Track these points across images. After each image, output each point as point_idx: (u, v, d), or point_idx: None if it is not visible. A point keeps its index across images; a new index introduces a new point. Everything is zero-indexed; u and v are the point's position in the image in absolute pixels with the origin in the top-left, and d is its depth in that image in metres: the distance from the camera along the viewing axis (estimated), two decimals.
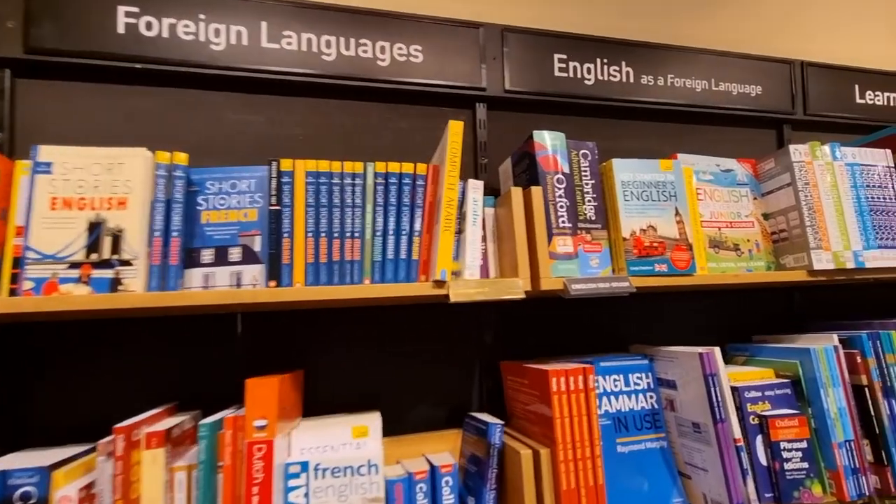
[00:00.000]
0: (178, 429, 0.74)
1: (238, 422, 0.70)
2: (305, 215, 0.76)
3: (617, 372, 0.97)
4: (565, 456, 0.78)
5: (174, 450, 0.72)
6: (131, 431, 0.65)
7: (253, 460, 0.67)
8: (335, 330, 0.96)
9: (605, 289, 0.79)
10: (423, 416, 1.00)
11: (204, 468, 0.69)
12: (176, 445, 0.73)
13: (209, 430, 0.69)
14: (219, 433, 0.70)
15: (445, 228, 0.75)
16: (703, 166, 1.02)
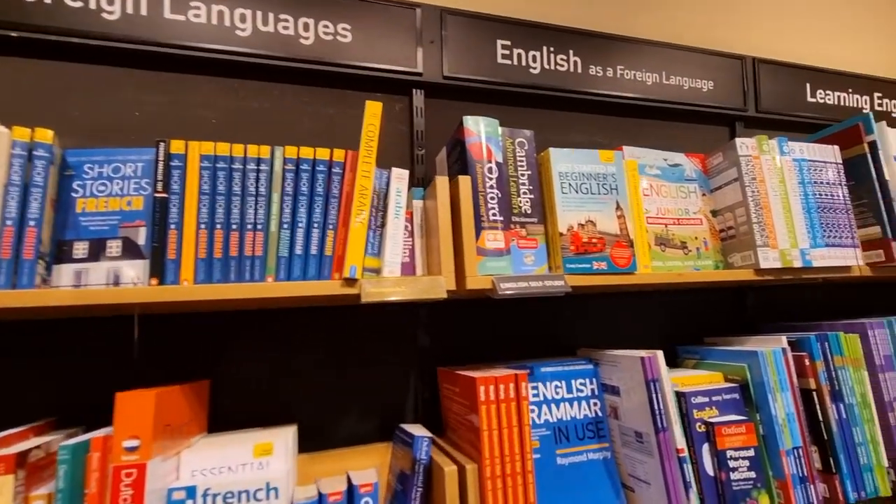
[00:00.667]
0: (42, 451, 0.63)
1: (107, 442, 0.60)
2: (198, 204, 0.67)
3: (559, 378, 0.90)
4: (492, 472, 0.70)
5: (34, 475, 0.62)
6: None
7: (120, 487, 0.57)
8: (249, 335, 0.86)
9: (537, 288, 0.72)
10: (351, 429, 0.91)
11: (62, 498, 0.58)
12: (37, 470, 0.62)
13: (71, 453, 0.59)
14: (86, 456, 0.60)
15: (357, 220, 0.67)
16: (650, 160, 0.97)
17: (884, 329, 1.01)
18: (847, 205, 0.98)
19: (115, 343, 0.80)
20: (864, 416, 0.93)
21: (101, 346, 0.79)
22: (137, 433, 0.59)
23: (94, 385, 0.78)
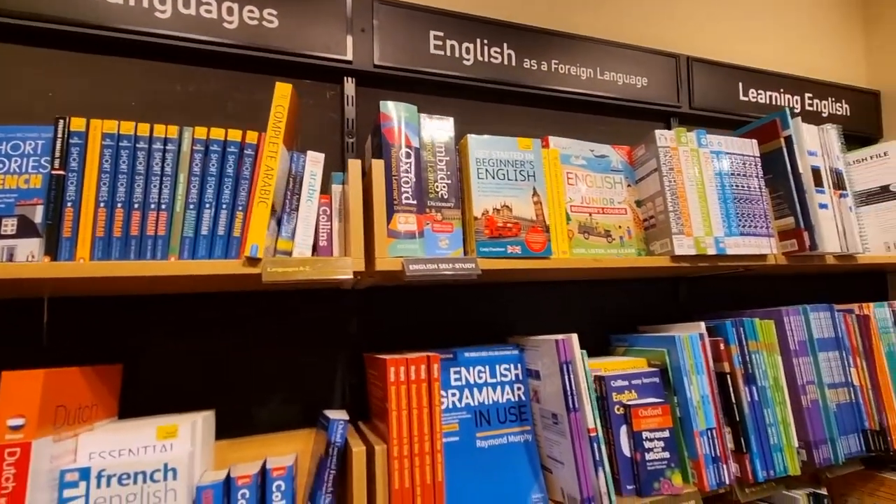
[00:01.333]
0: None
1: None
2: (98, 182, 0.66)
3: (482, 363, 0.91)
4: (400, 452, 0.71)
5: None
6: None
7: (3, 466, 0.56)
8: (167, 319, 0.85)
9: (447, 270, 0.73)
10: (275, 416, 0.91)
11: None
12: None
13: None
14: None
15: (260, 200, 0.67)
16: (577, 151, 0.99)
17: (799, 316, 1.05)
18: (763, 196, 1.02)
19: (25, 329, 0.78)
20: (776, 398, 0.97)
21: (8, 332, 0.77)
22: (23, 412, 0.58)
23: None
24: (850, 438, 1.02)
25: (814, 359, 1.03)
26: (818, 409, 1.00)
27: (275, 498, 0.75)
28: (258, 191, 0.67)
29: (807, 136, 1.07)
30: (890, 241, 1.27)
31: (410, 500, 0.70)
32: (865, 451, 1.02)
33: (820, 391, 1.01)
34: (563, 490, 0.84)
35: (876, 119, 1.61)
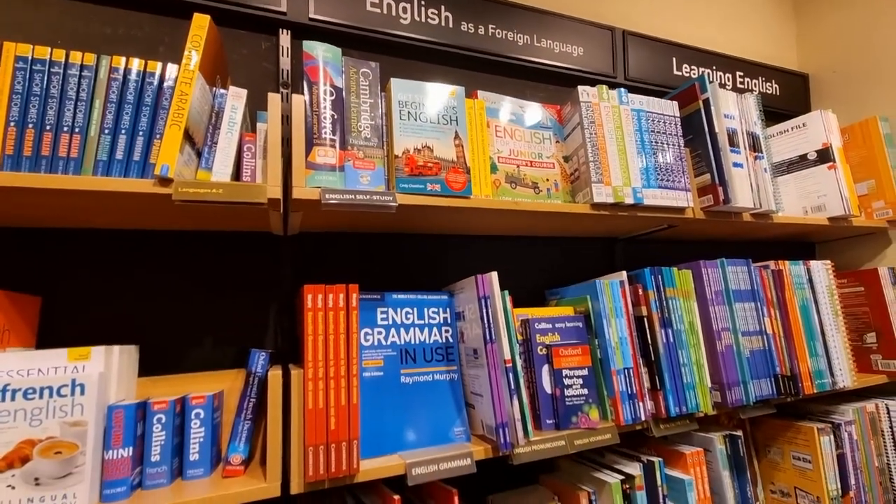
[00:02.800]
0: None
1: None
2: (9, 102, 0.67)
3: (410, 305, 0.94)
4: (315, 374, 0.73)
5: None
6: None
7: None
8: (94, 255, 0.86)
9: (364, 201, 0.76)
10: (205, 357, 0.92)
11: None
12: None
13: None
14: None
15: (173, 123, 0.69)
16: (506, 106, 1.03)
17: (717, 269, 1.11)
18: (681, 153, 1.08)
19: None
20: (690, 341, 1.03)
21: None
22: None
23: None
24: (763, 382, 1.09)
25: (729, 308, 1.09)
26: (732, 353, 1.06)
27: (193, 425, 0.76)
28: (171, 114, 0.69)
29: (725, 101, 1.14)
30: (808, 205, 1.36)
31: (324, 420, 0.72)
32: (777, 394, 1.09)
33: (735, 337, 1.08)
34: (483, 422, 0.87)
35: (804, 100, 1.71)
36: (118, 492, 0.67)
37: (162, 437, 0.73)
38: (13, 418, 0.63)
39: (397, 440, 0.83)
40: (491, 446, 0.83)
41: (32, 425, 0.63)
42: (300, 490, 0.70)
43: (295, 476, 0.70)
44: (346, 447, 0.72)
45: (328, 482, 0.72)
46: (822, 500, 1.14)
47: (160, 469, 0.72)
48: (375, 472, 0.75)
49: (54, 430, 0.64)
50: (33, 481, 0.62)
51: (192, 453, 0.75)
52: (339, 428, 0.73)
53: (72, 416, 0.65)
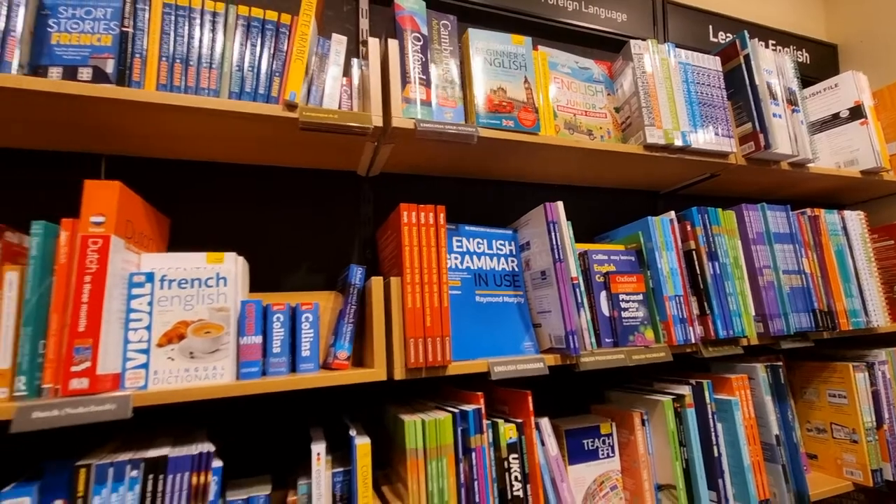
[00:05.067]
0: (15, 237, 0.73)
1: (76, 225, 0.70)
2: (161, 41, 0.79)
3: (480, 236, 1.05)
4: (412, 279, 0.84)
5: (9, 251, 0.71)
6: None
7: (87, 253, 0.68)
8: (211, 185, 0.98)
9: (451, 131, 0.87)
10: (300, 280, 1.03)
11: (35, 264, 0.68)
12: (14, 256, 0.72)
13: (43, 228, 0.69)
14: (56, 234, 0.70)
15: (297, 58, 0.80)
16: (563, 60, 1.13)
17: (758, 212, 1.20)
18: (725, 103, 1.17)
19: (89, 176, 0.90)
20: (735, 273, 1.12)
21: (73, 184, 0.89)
22: (103, 211, 0.70)
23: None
24: (802, 316, 1.17)
25: (770, 247, 1.17)
26: (773, 288, 1.14)
27: (304, 327, 0.87)
28: (295, 51, 0.80)
29: (764, 57, 1.23)
30: (840, 160, 1.43)
31: (421, 318, 0.83)
32: (815, 327, 1.17)
33: (775, 274, 1.16)
34: (551, 335, 0.97)
35: (833, 69, 1.78)
36: (252, 371, 0.78)
37: (281, 333, 0.84)
38: (170, 303, 0.75)
39: (476, 349, 0.93)
40: (559, 355, 0.92)
41: (186, 309, 0.75)
42: (402, 376, 0.81)
43: (397, 364, 0.81)
44: (439, 342, 0.83)
45: (425, 371, 0.82)
46: (858, 432, 1.21)
47: (281, 360, 0.83)
48: (462, 367, 0.85)
49: (203, 314, 0.75)
50: (188, 355, 0.74)
51: (304, 350, 0.86)
52: (433, 325, 0.83)
53: (217, 303, 0.76)
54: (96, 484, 0.64)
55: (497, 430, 0.88)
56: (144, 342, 0.72)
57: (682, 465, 1.02)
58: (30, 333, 0.67)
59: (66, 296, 0.68)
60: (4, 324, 0.67)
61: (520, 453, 0.89)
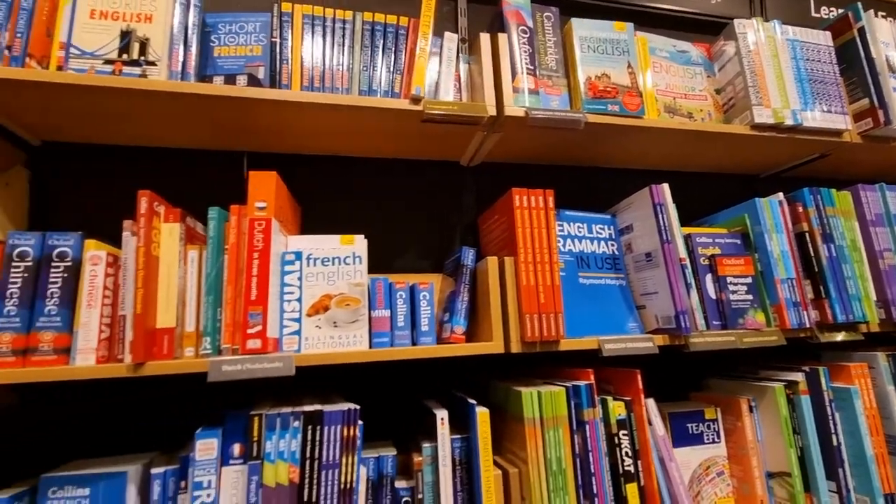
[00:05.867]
0: (191, 221, 0.86)
1: (242, 210, 0.82)
2: (301, 48, 0.89)
3: (580, 221, 1.07)
4: (525, 258, 0.89)
5: (190, 233, 0.84)
6: (153, 201, 0.77)
7: (254, 233, 0.79)
8: (334, 179, 1.08)
9: (560, 117, 0.91)
10: (410, 264, 1.11)
11: (212, 244, 0.80)
12: (191, 238, 0.85)
13: (217, 214, 0.81)
14: (227, 219, 0.82)
15: (421, 56, 0.87)
16: (660, 44, 1.14)
17: (876, 192, 1.13)
18: (837, 79, 1.12)
19: (231, 178, 1.03)
20: (853, 256, 1.06)
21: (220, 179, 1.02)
22: (265, 198, 0.81)
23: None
24: None
25: (891, 230, 1.11)
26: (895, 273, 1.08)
27: (422, 304, 0.95)
28: (419, 50, 0.88)
29: (880, 28, 1.16)
30: None
31: (535, 295, 0.87)
32: None
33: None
34: (658, 316, 0.98)
35: None
36: (382, 341, 0.86)
37: (404, 309, 0.92)
38: (316, 279, 0.84)
39: (582, 329, 0.97)
40: (668, 336, 0.93)
41: (329, 284, 0.85)
42: (518, 349, 0.86)
43: (513, 338, 0.86)
44: (553, 317, 0.87)
45: (539, 345, 0.87)
46: None
47: (404, 332, 0.91)
48: (574, 343, 0.89)
49: (343, 288, 0.85)
50: (332, 324, 0.83)
51: (423, 325, 0.93)
52: (546, 302, 0.88)
53: (354, 279, 0.85)
54: (268, 430, 0.74)
55: (606, 406, 0.91)
56: (296, 312, 0.83)
57: (797, 453, 0.99)
58: (211, 302, 0.78)
59: (237, 270, 0.80)
60: (189, 294, 0.79)
61: (629, 430, 0.91)
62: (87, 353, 0.74)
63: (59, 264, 0.76)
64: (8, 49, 0.76)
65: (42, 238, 0.76)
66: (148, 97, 0.78)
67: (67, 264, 0.76)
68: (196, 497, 0.72)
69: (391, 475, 0.85)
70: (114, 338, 0.76)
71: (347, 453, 0.77)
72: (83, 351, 0.73)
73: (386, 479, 0.85)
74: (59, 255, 0.76)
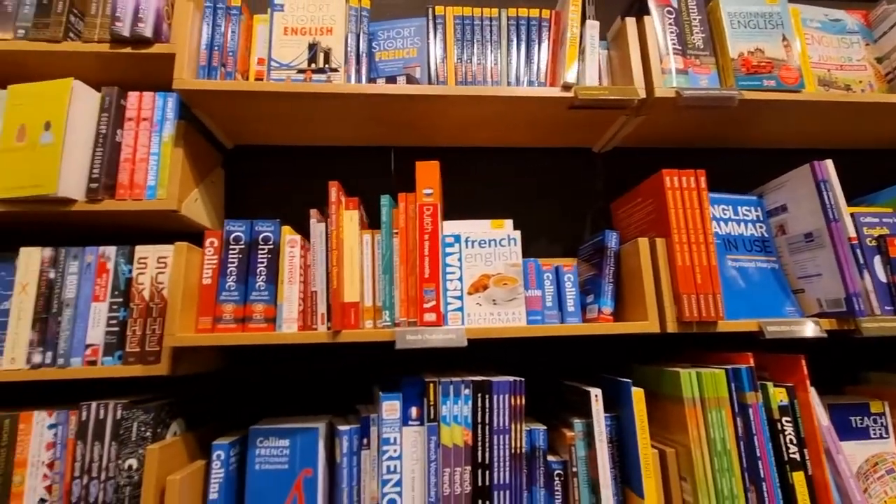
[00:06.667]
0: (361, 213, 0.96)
1: (409, 197, 0.90)
2: (454, 47, 0.96)
3: (725, 203, 1.04)
4: (679, 239, 0.88)
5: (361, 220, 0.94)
6: (340, 189, 0.88)
7: (423, 217, 0.87)
8: (474, 167, 1.15)
9: (714, 95, 0.89)
10: (542, 250, 1.15)
11: (385, 228, 0.89)
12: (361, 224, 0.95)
13: (388, 202, 0.90)
14: (395, 206, 0.91)
15: (571, 45, 0.91)
16: (811, 14, 1.07)
17: None
18: None
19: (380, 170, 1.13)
20: None
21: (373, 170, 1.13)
22: (431, 185, 0.89)
23: (360, 190, 1.11)
24: None
25: None
26: None
27: (567, 285, 0.98)
28: (569, 39, 0.91)
29: None
30: None
31: (692, 275, 0.87)
32: None
33: None
34: (822, 300, 0.93)
35: None
36: (536, 319, 0.91)
37: (552, 290, 0.95)
38: (474, 260, 0.91)
39: (734, 312, 0.94)
40: (836, 320, 0.88)
41: (486, 264, 0.90)
42: (674, 329, 0.86)
43: (669, 317, 0.86)
44: (711, 298, 0.86)
45: (696, 325, 0.86)
46: None
47: (553, 312, 0.95)
48: (733, 325, 0.87)
49: (500, 269, 0.90)
50: (492, 302, 0.89)
51: (569, 306, 0.97)
52: (703, 282, 0.87)
53: (510, 259, 0.91)
54: (442, 396, 0.82)
55: (766, 392, 0.88)
56: (458, 291, 0.89)
57: None
58: (387, 280, 0.87)
59: (407, 251, 0.88)
60: (367, 273, 0.89)
61: (792, 417, 0.88)
62: (290, 323, 0.85)
63: (263, 247, 0.89)
64: (223, 66, 0.90)
65: (250, 225, 0.89)
66: (334, 99, 0.89)
67: (270, 247, 0.89)
68: (384, 451, 0.81)
69: (543, 448, 0.89)
70: (306, 310, 0.88)
71: (516, 421, 0.82)
72: (287, 320, 0.85)
73: (538, 451, 0.89)
74: (264, 239, 0.89)
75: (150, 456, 0.78)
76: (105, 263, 0.86)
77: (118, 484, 0.79)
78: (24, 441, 0.82)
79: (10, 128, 0.83)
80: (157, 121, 0.88)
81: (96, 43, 0.87)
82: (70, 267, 0.85)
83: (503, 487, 0.80)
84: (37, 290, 0.84)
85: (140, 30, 0.86)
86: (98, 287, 0.85)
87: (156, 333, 0.84)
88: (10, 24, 0.86)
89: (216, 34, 0.90)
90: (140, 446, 0.80)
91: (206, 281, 0.86)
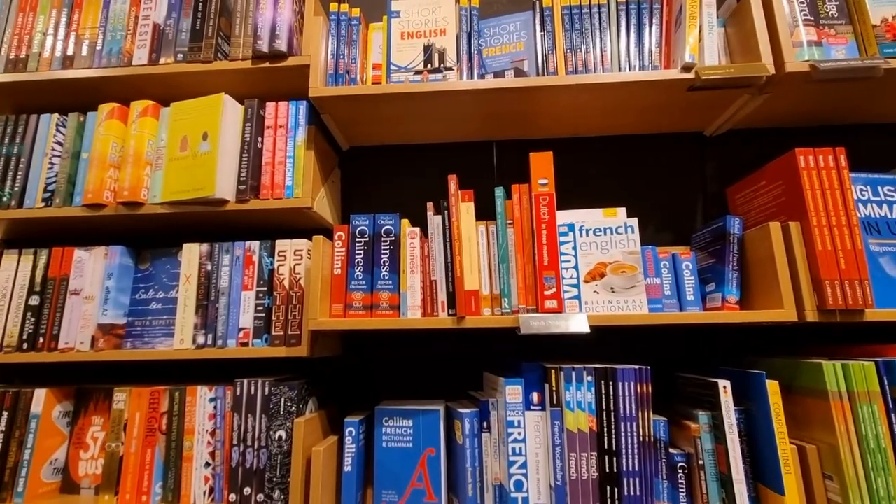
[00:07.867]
0: None
1: (522, 188, 0.92)
2: (563, 38, 0.97)
3: (864, 183, 0.96)
4: (819, 222, 0.83)
5: None
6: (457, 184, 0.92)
7: (540, 207, 0.89)
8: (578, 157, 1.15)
9: (856, 66, 0.82)
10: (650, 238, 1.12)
11: (500, 220, 0.92)
12: None
13: (503, 192, 0.93)
14: (508, 197, 0.93)
15: (691, 24, 0.88)
16: None
17: None
18: None
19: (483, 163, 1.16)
20: None
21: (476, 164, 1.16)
22: (546, 176, 0.90)
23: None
24: None
25: None
26: None
27: (685, 273, 0.95)
28: (689, 18, 0.88)
29: None
30: None
31: (834, 260, 0.81)
32: None
33: None
34: None
35: None
36: (655, 307, 0.89)
37: (669, 278, 0.93)
38: (590, 248, 0.91)
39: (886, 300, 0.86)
40: None
41: (602, 252, 0.90)
42: (814, 318, 0.81)
43: (808, 306, 0.81)
44: (858, 284, 0.80)
45: (840, 314, 0.80)
46: None
47: (671, 301, 0.92)
48: (885, 314, 0.80)
49: (618, 257, 0.90)
50: (610, 289, 0.88)
51: (688, 294, 0.94)
52: (848, 268, 0.81)
53: (628, 247, 0.90)
54: (565, 382, 0.83)
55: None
56: (574, 279, 0.90)
57: None
58: (504, 269, 0.90)
59: (522, 241, 0.90)
60: (483, 262, 0.92)
61: None
62: (414, 310, 0.91)
63: (386, 239, 0.95)
64: (346, 73, 0.97)
65: (373, 219, 0.96)
66: (450, 97, 0.93)
67: (392, 239, 0.95)
68: (510, 434, 0.83)
69: (665, 440, 0.87)
70: (426, 298, 0.93)
71: (643, 409, 0.81)
72: (411, 308, 0.91)
73: (660, 443, 0.87)
74: (386, 232, 0.95)
75: (298, 428, 0.86)
76: (251, 256, 0.97)
77: (270, 452, 0.88)
78: (191, 412, 0.94)
79: (175, 139, 0.96)
80: (291, 127, 0.98)
81: (240, 60, 0.97)
82: (223, 260, 0.97)
83: (632, 475, 0.80)
84: (197, 281, 0.96)
85: (277, 45, 0.95)
86: (246, 277, 0.96)
87: (296, 319, 0.93)
88: (171, 50, 0.99)
89: (340, 44, 0.98)
90: (287, 419, 0.89)
91: (337, 271, 0.94)
